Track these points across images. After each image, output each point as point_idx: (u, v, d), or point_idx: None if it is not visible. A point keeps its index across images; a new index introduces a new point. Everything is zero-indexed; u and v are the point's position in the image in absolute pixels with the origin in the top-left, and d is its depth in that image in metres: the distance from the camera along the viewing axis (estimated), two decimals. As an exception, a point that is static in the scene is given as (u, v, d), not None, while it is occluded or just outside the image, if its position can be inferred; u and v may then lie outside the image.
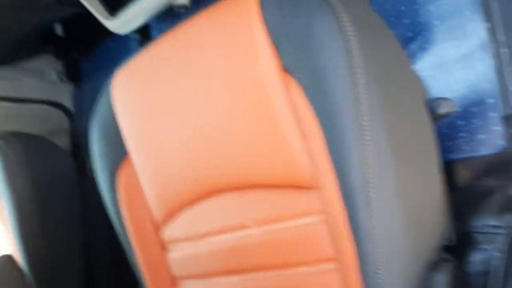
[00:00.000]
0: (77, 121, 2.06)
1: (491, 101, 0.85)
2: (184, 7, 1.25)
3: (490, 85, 0.85)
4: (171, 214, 0.77)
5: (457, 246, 0.66)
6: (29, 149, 1.19)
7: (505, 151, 0.81)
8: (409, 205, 0.56)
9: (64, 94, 2.03)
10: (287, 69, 0.57)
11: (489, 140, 0.83)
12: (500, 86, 0.83)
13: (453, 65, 0.88)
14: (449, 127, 0.89)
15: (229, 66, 0.61)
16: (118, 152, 0.80)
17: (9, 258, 0.88)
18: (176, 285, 0.81)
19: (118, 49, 1.63)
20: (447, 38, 0.87)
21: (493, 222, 0.71)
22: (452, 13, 0.84)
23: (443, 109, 0.65)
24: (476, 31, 0.83)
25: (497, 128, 0.83)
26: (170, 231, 0.78)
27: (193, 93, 0.67)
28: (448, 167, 0.85)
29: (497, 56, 0.82)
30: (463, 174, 0.82)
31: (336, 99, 0.53)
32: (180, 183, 0.73)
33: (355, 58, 0.51)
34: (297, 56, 0.56)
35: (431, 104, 0.65)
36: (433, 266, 0.60)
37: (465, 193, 0.78)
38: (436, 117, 0.65)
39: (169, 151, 0.72)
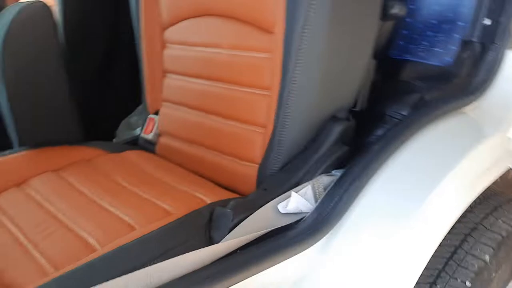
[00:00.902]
0: None
1: (461, 24, 0.98)
2: None
3: (467, 10, 0.97)
4: (173, 21, 0.98)
5: (360, 115, 0.88)
6: None
7: (446, 67, 0.98)
8: (332, 65, 0.76)
9: None
10: None
11: (441, 54, 1.00)
12: (474, 14, 0.96)
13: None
14: (418, 34, 1.04)
15: None
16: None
17: (45, 6, 0.95)
18: (165, 76, 1.06)
19: None
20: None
21: (403, 112, 0.92)
22: None
23: (394, 10, 0.81)
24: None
25: (453, 48, 0.98)
26: (169, 34, 1.00)
27: None
28: (398, 63, 1.03)
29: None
30: (406, 73, 1.00)
31: None
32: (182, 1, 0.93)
33: None
34: None
35: (386, 3, 0.81)
36: (334, 119, 0.82)
37: (398, 85, 0.97)
38: (386, 15, 0.82)
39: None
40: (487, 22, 0.93)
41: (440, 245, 0.70)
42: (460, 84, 0.94)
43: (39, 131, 1.00)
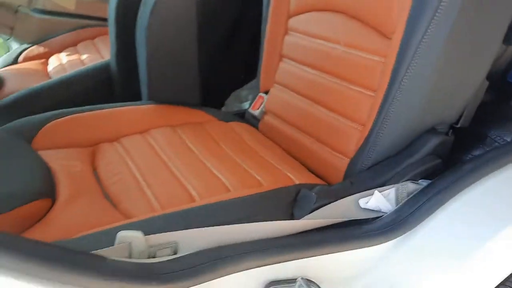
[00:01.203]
0: None
1: None
2: None
3: None
4: (299, 11, 1.05)
5: (461, 132, 0.88)
6: None
7: None
8: (441, 80, 0.78)
9: None
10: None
11: None
12: None
13: None
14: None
15: None
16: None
17: None
18: (281, 60, 1.14)
19: None
20: None
21: (507, 138, 0.91)
22: None
23: (520, 36, 0.80)
24: None
25: None
26: (294, 22, 1.08)
27: None
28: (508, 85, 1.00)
29: None
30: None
31: None
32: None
33: None
34: None
35: (510, 28, 0.80)
36: (433, 131, 0.85)
37: (508, 110, 0.96)
38: (510, 41, 0.81)
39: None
40: None
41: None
42: None
43: (165, 90, 1.15)
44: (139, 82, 1.21)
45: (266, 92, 1.17)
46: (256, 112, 1.17)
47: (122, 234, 0.58)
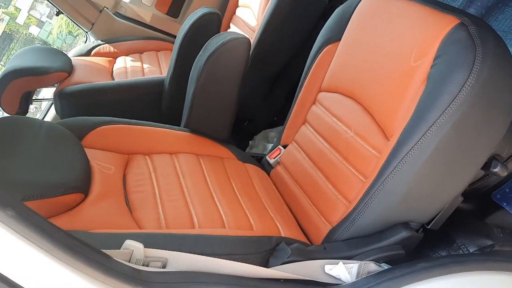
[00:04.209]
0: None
1: None
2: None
3: None
4: (329, 89, 1.22)
5: (430, 234, 1.01)
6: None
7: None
8: (420, 186, 0.91)
9: None
10: (428, 74, 0.91)
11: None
12: None
13: None
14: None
15: (404, 49, 0.96)
16: (337, 33, 1.22)
17: (247, 42, 1.26)
18: (304, 124, 1.30)
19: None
20: None
21: (470, 248, 1.04)
22: None
23: (494, 169, 0.93)
24: None
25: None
26: (322, 96, 1.25)
27: (375, 47, 1.04)
28: (493, 206, 1.13)
29: None
30: (493, 218, 1.10)
31: (436, 101, 0.85)
32: (342, 78, 1.16)
33: (463, 93, 0.82)
34: (437, 72, 0.88)
35: (492, 159, 0.93)
36: (405, 225, 0.98)
37: (479, 224, 1.08)
38: (488, 169, 0.94)
39: (350, 61, 1.14)
40: None
41: None
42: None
43: (201, 123, 1.34)
44: (183, 108, 1.41)
45: (285, 146, 1.34)
46: (271, 161, 1.35)
47: (128, 242, 0.76)
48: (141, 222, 0.96)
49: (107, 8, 2.16)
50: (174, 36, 2.28)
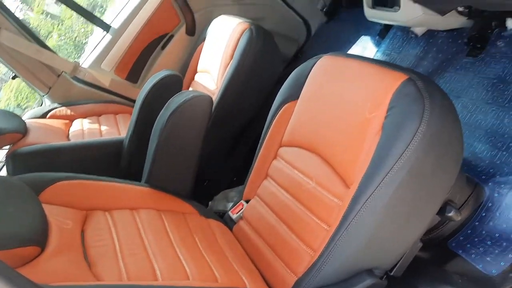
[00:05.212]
0: (309, 43, 2.61)
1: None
2: (415, 35, 1.63)
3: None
4: (289, 144, 1.27)
5: (396, 279, 1.03)
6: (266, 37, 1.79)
7: (490, 276, 1.09)
8: (379, 233, 0.95)
9: (316, 20, 2.59)
10: (383, 124, 0.97)
11: (489, 264, 1.12)
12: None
13: None
14: (479, 238, 1.18)
15: (360, 103, 1.04)
16: (295, 92, 1.29)
17: (209, 100, 1.31)
18: (266, 178, 1.33)
19: (363, 23, 2.06)
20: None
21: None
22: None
23: (449, 213, 0.99)
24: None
25: (502, 264, 1.10)
26: (283, 151, 1.29)
27: (332, 102, 1.12)
28: (451, 253, 1.17)
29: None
30: (452, 266, 1.14)
31: (392, 149, 0.91)
32: (302, 133, 1.21)
33: (416, 141, 0.88)
34: (391, 122, 0.95)
35: (446, 204, 0.99)
36: (369, 272, 1.00)
37: (438, 272, 1.11)
38: (443, 214, 1.00)
39: (308, 117, 1.20)
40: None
41: None
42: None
43: (162, 179, 1.33)
44: (143, 165, 1.40)
45: (247, 201, 1.35)
46: (234, 216, 1.34)
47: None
48: (101, 276, 0.91)
49: (66, 73, 2.17)
50: (133, 101, 2.31)
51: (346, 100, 1.09)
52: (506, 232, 1.15)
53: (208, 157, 1.67)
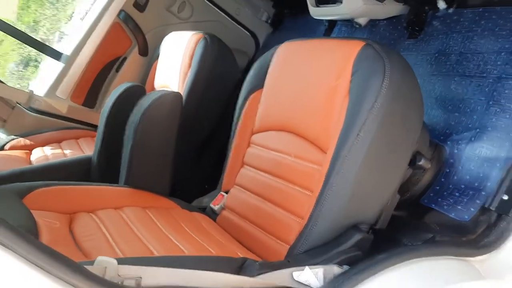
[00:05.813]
0: (258, 55, 2.72)
1: (484, 193, 1.21)
2: (359, 25, 1.75)
3: (491, 184, 1.20)
4: (261, 130, 1.32)
5: (380, 235, 1.10)
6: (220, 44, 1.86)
7: (463, 222, 1.18)
8: (360, 188, 1.01)
9: (263, 31, 2.71)
10: (349, 88, 1.06)
11: (461, 212, 1.21)
12: (496, 189, 1.17)
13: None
14: (447, 192, 1.27)
15: (324, 74, 1.12)
16: (259, 83, 1.36)
17: (178, 96, 1.37)
18: (243, 167, 1.37)
19: (308, 27, 2.20)
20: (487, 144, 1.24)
21: (415, 243, 1.13)
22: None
23: (419, 162, 1.07)
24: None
25: (472, 210, 1.20)
26: (256, 138, 1.34)
27: (297, 81, 1.20)
28: (426, 208, 1.26)
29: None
30: (429, 217, 1.22)
31: (362, 105, 0.99)
32: (272, 116, 1.28)
33: (382, 94, 0.97)
34: (357, 84, 1.04)
35: (416, 154, 1.08)
36: (356, 228, 1.06)
37: (419, 223, 1.19)
38: (415, 164, 1.08)
39: (275, 100, 1.27)
40: (505, 197, 1.14)
41: None
42: (471, 239, 1.14)
43: (141, 178, 1.34)
44: (116, 178, 1.40)
45: (227, 192, 1.38)
46: (216, 207, 1.37)
47: (100, 259, 0.73)
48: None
49: (20, 104, 2.13)
50: (92, 125, 2.29)
51: (310, 76, 1.17)
52: (471, 182, 1.25)
53: (178, 167, 1.69)
